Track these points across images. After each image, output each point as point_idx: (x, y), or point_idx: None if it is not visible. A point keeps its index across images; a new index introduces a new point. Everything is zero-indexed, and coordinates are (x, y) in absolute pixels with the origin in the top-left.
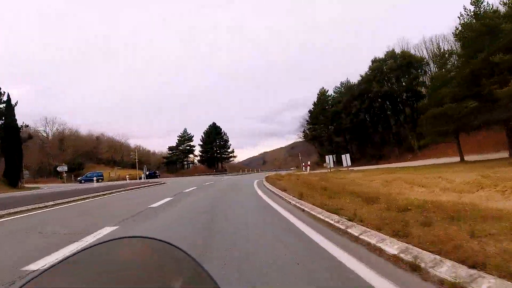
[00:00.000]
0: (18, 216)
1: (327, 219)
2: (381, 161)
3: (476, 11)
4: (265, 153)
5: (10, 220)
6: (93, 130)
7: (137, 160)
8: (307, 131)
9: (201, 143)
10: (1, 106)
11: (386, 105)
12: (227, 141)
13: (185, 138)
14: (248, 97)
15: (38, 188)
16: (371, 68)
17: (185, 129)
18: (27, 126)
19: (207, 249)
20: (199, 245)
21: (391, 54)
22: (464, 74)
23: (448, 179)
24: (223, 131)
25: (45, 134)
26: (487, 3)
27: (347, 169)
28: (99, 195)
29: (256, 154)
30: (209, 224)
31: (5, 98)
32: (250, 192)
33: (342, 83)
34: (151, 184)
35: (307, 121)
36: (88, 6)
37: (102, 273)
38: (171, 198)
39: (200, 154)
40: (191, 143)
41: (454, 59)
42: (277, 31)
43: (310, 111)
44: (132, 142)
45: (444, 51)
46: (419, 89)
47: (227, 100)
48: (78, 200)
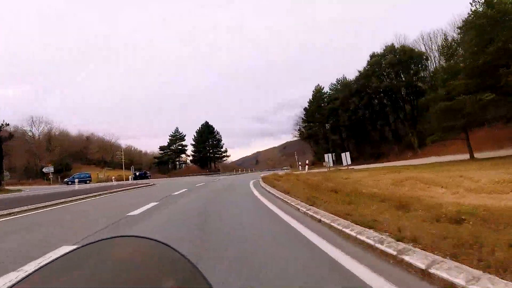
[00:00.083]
0: None
1: (361, 237)
2: (380, 159)
3: None
4: (258, 152)
5: None
6: (84, 130)
7: (123, 160)
8: (303, 129)
9: (193, 142)
10: None
11: (385, 101)
12: (220, 140)
13: (176, 137)
14: (242, 97)
15: (19, 191)
16: (369, 64)
17: (177, 128)
18: (8, 125)
19: None
20: None
21: (390, 49)
22: (476, 64)
23: (472, 178)
24: (216, 130)
25: (30, 134)
26: None
27: (347, 168)
28: (76, 200)
29: (249, 154)
30: (195, 248)
31: None
32: (245, 192)
33: (338, 80)
34: (138, 186)
35: (303, 119)
36: (88, 6)
37: (94, 273)
38: (156, 203)
39: (193, 154)
40: (183, 143)
41: (460, 50)
42: (277, 31)
43: (305, 109)
44: (124, 143)
45: (453, 40)
46: (419, 84)
47: (222, 100)
48: (49, 206)
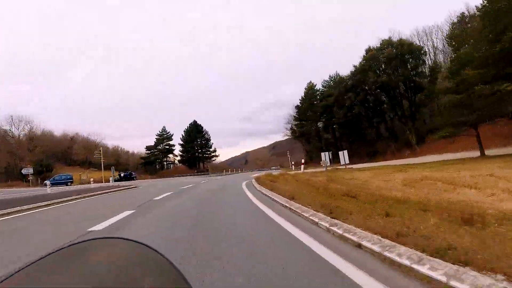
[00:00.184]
0: None
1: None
2: (376, 158)
3: None
4: (247, 152)
5: None
6: (69, 130)
7: (102, 161)
8: (295, 128)
9: (181, 142)
10: None
11: (382, 97)
12: (208, 140)
13: (164, 137)
14: (231, 97)
15: None
16: (365, 58)
17: (164, 127)
18: None
19: None
20: None
21: (387, 43)
22: (493, 52)
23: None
24: (205, 129)
25: (10, 134)
26: None
27: (345, 167)
28: (34, 208)
29: (238, 154)
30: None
31: None
32: (242, 199)
33: (331, 77)
34: (119, 189)
35: (295, 117)
36: (88, 6)
37: (75, 274)
38: (131, 212)
39: (181, 154)
40: (171, 142)
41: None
42: (277, 31)
43: (297, 107)
44: (112, 143)
45: (463, 29)
46: (418, 79)
47: (211, 99)
48: None
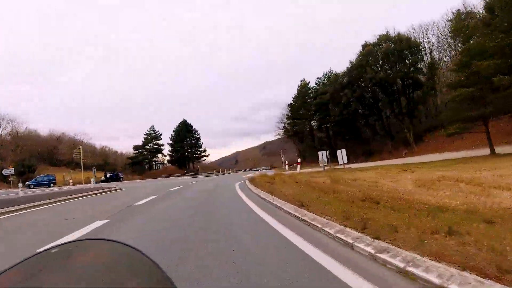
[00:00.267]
0: None
1: None
2: (372, 157)
3: None
4: (237, 152)
5: None
6: (55, 130)
7: (82, 160)
8: (288, 126)
9: (170, 142)
10: None
11: (379, 95)
12: (198, 139)
13: (152, 136)
14: (222, 97)
15: None
16: (362, 54)
17: (152, 126)
18: None
19: None
20: None
21: (385, 38)
22: (509, 41)
23: None
24: (194, 129)
25: None
26: None
27: (343, 167)
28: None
29: (228, 154)
30: None
31: None
32: (239, 205)
33: (324, 74)
34: (99, 192)
35: (288, 115)
36: (88, 6)
37: (60, 275)
38: (103, 222)
39: (170, 154)
40: (159, 142)
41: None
42: (277, 31)
43: (290, 105)
44: (99, 143)
45: (471, 19)
46: (417, 76)
47: (202, 99)
48: None
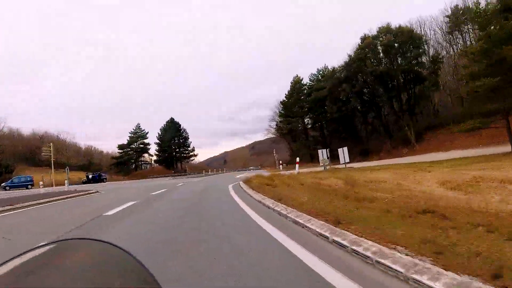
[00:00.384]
0: None
1: None
2: (370, 156)
3: None
4: (226, 152)
5: None
6: (38, 129)
7: (52, 159)
8: (281, 125)
9: (157, 141)
10: None
11: (379, 89)
12: (187, 138)
13: (138, 135)
14: (213, 97)
15: None
16: (361, 47)
17: (138, 124)
18: None
19: None
20: None
21: (385, 30)
22: None
23: None
24: (183, 127)
25: None
26: None
27: (345, 166)
28: None
29: (217, 154)
30: None
31: None
32: (239, 216)
33: (319, 70)
34: (70, 196)
35: (281, 113)
36: (88, 6)
37: (45, 275)
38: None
39: (157, 153)
40: (145, 141)
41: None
42: (277, 31)
43: (282, 102)
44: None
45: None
46: (419, 69)
47: (192, 99)
48: None
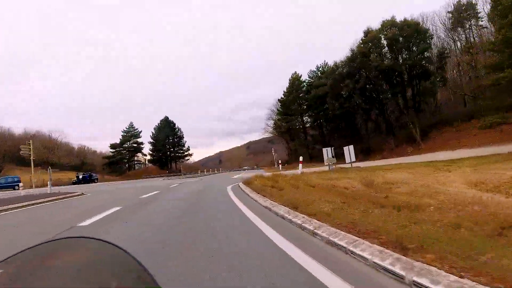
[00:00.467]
0: None
1: None
2: (372, 155)
3: None
4: (221, 152)
5: None
6: (29, 128)
7: (32, 158)
8: (279, 123)
9: (151, 140)
10: None
11: (383, 85)
12: (181, 138)
13: (131, 133)
14: (208, 97)
15: None
16: (364, 41)
17: (131, 123)
18: None
19: None
20: None
21: (390, 24)
22: None
23: None
24: (177, 127)
25: None
26: None
27: (351, 165)
28: None
29: (212, 153)
30: None
31: None
32: (253, 236)
33: (318, 66)
34: (51, 199)
35: (279, 110)
36: (88, 6)
37: (42, 274)
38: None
39: (151, 153)
40: (139, 140)
41: None
42: (277, 31)
43: (281, 100)
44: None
45: None
46: (426, 64)
47: (186, 98)
48: None
